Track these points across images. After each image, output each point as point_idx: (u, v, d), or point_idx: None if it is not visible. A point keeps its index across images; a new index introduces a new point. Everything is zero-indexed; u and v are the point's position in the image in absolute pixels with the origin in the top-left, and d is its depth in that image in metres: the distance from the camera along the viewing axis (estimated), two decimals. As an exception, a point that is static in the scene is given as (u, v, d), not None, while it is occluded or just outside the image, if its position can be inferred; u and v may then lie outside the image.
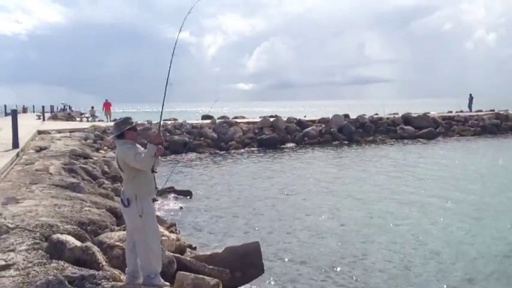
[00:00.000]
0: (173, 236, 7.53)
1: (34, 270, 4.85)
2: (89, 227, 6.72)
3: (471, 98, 42.55)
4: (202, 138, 27.53)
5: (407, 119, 33.94)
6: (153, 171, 5.05)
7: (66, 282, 4.42)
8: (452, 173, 17.88)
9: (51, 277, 4.46)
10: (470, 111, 41.54)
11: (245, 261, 6.88)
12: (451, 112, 40.65)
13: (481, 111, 41.30)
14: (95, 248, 5.39)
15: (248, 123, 31.68)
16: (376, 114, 37.28)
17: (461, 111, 40.92)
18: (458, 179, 16.55)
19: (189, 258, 6.60)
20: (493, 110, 40.74)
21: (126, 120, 5.15)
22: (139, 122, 23.56)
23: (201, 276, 5.72)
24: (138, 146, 5.10)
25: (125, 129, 5.06)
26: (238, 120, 32.27)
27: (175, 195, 14.17)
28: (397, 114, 37.27)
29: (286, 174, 18.28)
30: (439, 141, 29.98)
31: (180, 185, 15.66)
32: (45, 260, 5.12)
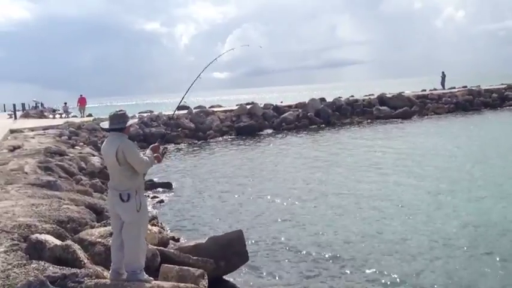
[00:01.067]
0: (155, 229, 7.47)
1: (14, 272, 4.74)
2: (68, 225, 6.61)
3: (444, 76, 43.14)
4: (179, 129, 27.33)
5: (382, 100, 34.26)
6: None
7: (48, 283, 4.34)
8: (420, 151, 18.07)
9: (32, 278, 4.37)
10: (444, 88, 42.13)
11: (229, 250, 6.87)
12: (424, 91, 41.15)
13: (454, 88, 41.91)
14: (76, 246, 5.30)
15: (225, 111, 31.56)
16: (352, 96, 37.52)
17: (435, 89, 41.47)
18: (425, 157, 16.80)
19: (172, 251, 6.56)
20: (466, 87, 41.40)
21: (126, 114, 5.12)
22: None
23: (185, 267, 5.70)
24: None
25: (128, 124, 5.04)
26: (215, 109, 32.13)
27: (155, 188, 14.07)
28: (372, 95, 37.58)
29: (265, 161, 18.31)
30: (414, 121, 30.37)
31: (160, 178, 15.54)
32: (25, 261, 5.01)
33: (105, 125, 5.10)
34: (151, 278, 5.06)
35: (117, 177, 4.92)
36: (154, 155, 5.17)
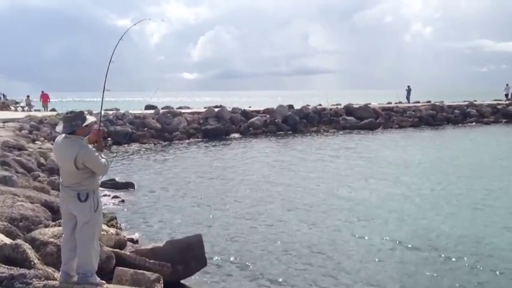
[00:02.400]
0: (112, 230, 7.31)
1: (-42, 271, 4.52)
2: (21, 223, 6.40)
3: (409, 90, 44.12)
4: (145, 129, 26.96)
5: (349, 110, 34.72)
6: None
7: (-6, 283, 4.17)
8: (380, 163, 18.46)
9: (-24, 278, 4.19)
10: (409, 102, 43.07)
11: (187, 254, 6.80)
12: (390, 103, 41.97)
13: (418, 102, 42.89)
14: (26, 246, 5.11)
15: (193, 113, 31.33)
16: (320, 105, 37.90)
17: (400, 103, 42.36)
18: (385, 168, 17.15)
19: (128, 253, 6.43)
20: (430, 102, 42.43)
21: (79, 116, 4.87)
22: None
23: (140, 271, 5.60)
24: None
25: (81, 127, 4.81)
26: (182, 111, 31.85)
27: (117, 187, 13.80)
28: (339, 105, 38.05)
29: (230, 165, 18.25)
30: (378, 133, 30.87)
31: (122, 177, 15.27)
32: (-30, 260, 4.80)
33: (59, 127, 4.91)
34: (103, 282, 4.92)
35: (74, 179, 4.76)
36: (93, 142, 4.95)
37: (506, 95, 44.35)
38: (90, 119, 4.96)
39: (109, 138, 5.39)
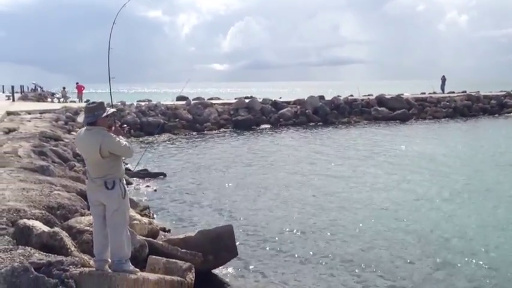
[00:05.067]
0: (145, 219, 7.45)
1: (-1, 256, 4.71)
2: (58, 212, 6.58)
3: (444, 80, 43.13)
4: (177, 120, 27.28)
5: (381, 100, 34.21)
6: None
7: (32, 269, 4.31)
8: (416, 156, 18.13)
9: (16, 264, 4.34)
10: (443, 92, 42.14)
11: (218, 244, 6.86)
12: (424, 93, 41.15)
13: (453, 92, 41.92)
14: (63, 233, 5.27)
15: (223, 104, 31.50)
16: (351, 95, 37.48)
17: (434, 93, 41.47)
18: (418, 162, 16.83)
19: (161, 242, 6.54)
20: (465, 92, 41.40)
21: (101, 106, 4.96)
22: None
23: (173, 260, 5.69)
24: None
25: (101, 117, 4.92)
26: (213, 102, 32.05)
27: (149, 177, 14.04)
28: (371, 95, 37.54)
29: (261, 155, 18.28)
30: (411, 123, 30.34)
31: (154, 167, 15.51)
32: (11, 246, 4.98)
33: (80, 118, 5.04)
34: (137, 270, 5.03)
35: (101, 168, 4.86)
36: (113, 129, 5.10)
37: None
38: (110, 110, 5.06)
39: (125, 125, 5.53)
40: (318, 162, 16.65)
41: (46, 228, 5.41)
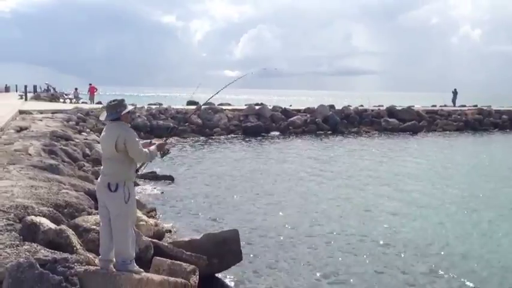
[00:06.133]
0: (152, 221, 7.48)
1: (5, 252, 4.74)
2: (65, 210, 6.63)
3: (455, 93, 42.91)
4: (187, 124, 27.37)
5: (391, 112, 34.10)
6: (137, 170, 5.22)
7: (38, 265, 4.34)
8: (430, 169, 18.03)
9: (22, 259, 4.37)
10: (454, 105, 41.92)
11: (223, 248, 6.86)
12: (435, 106, 40.96)
13: (464, 106, 41.68)
14: (70, 231, 5.30)
15: (233, 110, 31.59)
16: (361, 105, 37.40)
17: (445, 106, 41.26)
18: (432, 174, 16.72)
19: (166, 244, 6.56)
20: (476, 106, 41.14)
21: (122, 103, 5.08)
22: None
23: (177, 262, 5.70)
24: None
25: (123, 113, 5.00)
26: (223, 107, 32.13)
27: (157, 179, 14.08)
28: (381, 106, 37.43)
29: (270, 163, 18.28)
30: (422, 136, 30.16)
31: (162, 170, 15.55)
32: (17, 242, 5.02)
33: (102, 116, 5.11)
34: (141, 270, 5.04)
35: (110, 165, 4.90)
36: (160, 150, 5.30)
37: None
38: (129, 108, 5.14)
39: (169, 148, 5.58)
40: (325, 170, 16.60)
41: (53, 226, 5.44)
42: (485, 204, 12.21)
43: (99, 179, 5.09)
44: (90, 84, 39.50)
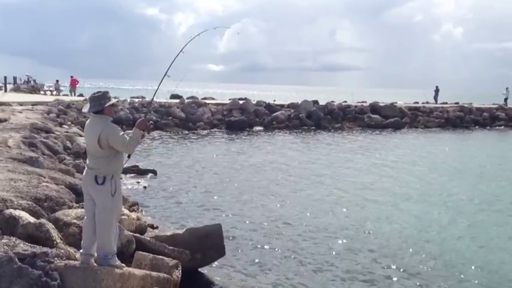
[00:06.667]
0: (134, 215, 7.39)
1: (-17, 246, 4.63)
2: (45, 203, 6.50)
3: (437, 90, 43.38)
4: (170, 118, 27.20)
5: (374, 108, 34.33)
6: (129, 156, 5.09)
7: (17, 259, 4.25)
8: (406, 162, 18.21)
9: (0, 253, 4.28)
10: (436, 103, 42.39)
11: (206, 243, 6.82)
12: (417, 103, 41.36)
13: (446, 103, 42.17)
14: (50, 225, 5.20)
15: (217, 104, 31.49)
16: (345, 101, 37.59)
17: (427, 103, 41.69)
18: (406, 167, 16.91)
19: (148, 238, 6.49)
20: (458, 103, 41.66)
21: (106, 95, 4.96)
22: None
23: (160, 256, 5.64)
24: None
25: (106, 105, 4.89)
26: (207, 101, 32.00)
27: (140, 173, 13.95)
28: (365, 102, 37.66)
29: (252, 157, 18.26)
30: (404, 132, 30.45)
31: (145, 164, 15.42)
32: (-4, 236, 4.91)
33: (86, 108, 5.00)
34: (123, 265, 4.98)
35: (96, 159, 4.83)
36: (142, 129, 5.02)
37: (506, 99, 42.27)
38: (112, 100, 5.03)
39: (151, 122, 5.45)
40: (309, 164, 16.68)
41: (32, 219, 5.34)
42: (465, 199, 12.41)
43: (84, 171, 4.99)
44: (72, 77, 38.98)
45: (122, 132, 4.89)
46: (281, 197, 12.00)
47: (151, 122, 5.43)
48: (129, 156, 5.14)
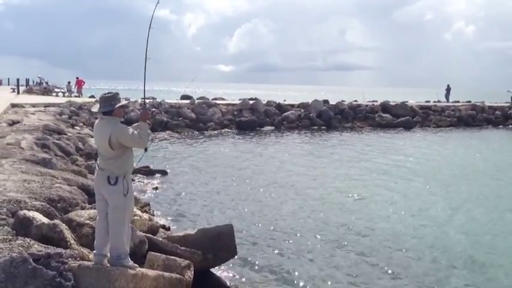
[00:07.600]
0: (146, 215, 7.43)
1: (-2, 246, 4.69)
2: (58, 204, 6.56)
3: (449, 89, 43.03)
4: (180, 118, 27.28)
5: (385, 107, 34.14)
6: (146, 149, 5.07)
7: (31, 260, 4.29)
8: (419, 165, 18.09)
9: (15, 254, 4.32)
10: (448, 101, 42.06)
11: (218, 244, 6.83)
12: (428, 102, 41.06)
13: (458, 102, 41.81)
14: (63, 226, 5.25)
15: (227, 105, 31.51)
16: (355, 101, 37.42)
17: (439, 101, 41.38)
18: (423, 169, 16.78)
19: (160, 239, 6.52)
20: (470, 102, 41.29)
21: (116, 96, 5.00)
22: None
23: (172, 257, 5.66)
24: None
25: (116, 106, 4.92)
26: (217, 102, 32.04)
27: (151, 174, 14.01)
28: (376, 101, 37.48)
29: (263, 157, 18.25)
30: (415, 131, 30.22)
31: (156, 165, 15.49)
32: (10, 237, 4.96)
33: (95, 108, 5.03)
34: (136, 265, 5.00)
35: (107, 160, 4.86)
36: (145, 120, 4.98)
37: None
38: (122, 102, 5.05)
39: (154, 109, 5.46)
40: (320, 164, 16.62)
41: (46, 220, 5.39)
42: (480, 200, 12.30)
43: (96, 172, 5.03)
44: (77, 78, 39.29)
45: (131, 130, 4.89)
46: (293, 197, 11.98)
47: (152, 110, 5.45)
48: (146, 150, 5.10)
